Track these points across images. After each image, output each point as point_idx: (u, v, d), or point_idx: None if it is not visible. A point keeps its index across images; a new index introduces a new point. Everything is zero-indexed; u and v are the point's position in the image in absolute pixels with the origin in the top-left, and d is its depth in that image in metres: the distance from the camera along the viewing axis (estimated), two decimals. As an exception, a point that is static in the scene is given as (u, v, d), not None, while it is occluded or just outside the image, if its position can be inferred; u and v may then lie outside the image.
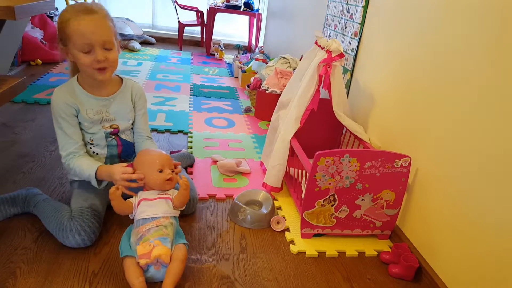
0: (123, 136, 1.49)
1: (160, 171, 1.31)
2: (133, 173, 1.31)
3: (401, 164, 1.43)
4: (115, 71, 1.39)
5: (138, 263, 1.15)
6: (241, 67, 3.74)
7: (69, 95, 1.36)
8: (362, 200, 1.48)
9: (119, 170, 1.30)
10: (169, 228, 1.24)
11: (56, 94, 1.36)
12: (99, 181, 1.36)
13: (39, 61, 3.40)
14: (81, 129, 1.40)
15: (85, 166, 1.35)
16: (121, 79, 1.49)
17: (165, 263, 1.16)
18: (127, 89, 1.47)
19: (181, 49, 4.94)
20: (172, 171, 1.34)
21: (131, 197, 1.32)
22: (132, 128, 1.53)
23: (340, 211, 1.50)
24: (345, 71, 2.20)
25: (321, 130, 2.02)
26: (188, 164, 1.97)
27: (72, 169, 1.37)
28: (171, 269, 1.16)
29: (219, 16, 4.75)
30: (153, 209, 1.27)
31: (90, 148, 1.43)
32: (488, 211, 1.14)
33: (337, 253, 1.48)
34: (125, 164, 1.36)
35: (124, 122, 1.47)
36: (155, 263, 1.16)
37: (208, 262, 1.35)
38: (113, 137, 1.46)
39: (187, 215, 1.55)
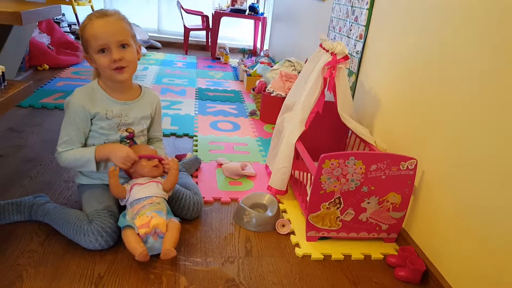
0: (137, 141, 1.50)
1: (149, 160, 1.43)
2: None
3: (407, 166, 1.42)
4: (134, 72, 1.42)
5: (138, 234, 1.27)
6: (246, 70, 3.75)
7: (89, 99, 1.38)
8: (368, 203, 1.47)
9: (123, 155, 1.36)
10: (162, 204, 1.38)
11: (77, 94, 1.38)
12: (97, 165, 1.39)
13: (46, 66, 3.44)
14: (95, 131, 1.41)
15: (81, 153, 1.38)
16: (140, 86, 1.54)
17: (162, 233, 1.29)
18: (146, 97, 1.52)
19: (186, 53, 4.97)
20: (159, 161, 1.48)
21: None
22: (144, 134, 1.55)
23: (345, 214, 1.49)
24: (350, 73, 2.19)
25: (326, 132, 2.01)
26: (196, 168, 1.98)
27: (66, 160, 1.38)
28: (168, 236, 1.29)
29: (224, 20, 4.77)
30: (145, 190, 1.38)
31: None
32: (496, 213, 1.13)
33: (343, 257, 1.47)
34: (127, 148, 1.41)
35: (139, 127, 1.50)
36: (153, 233, 1.28)
37: (213, 265, 1.34)
38: (128, 141, 1.47)
39: (193, 219, 1.55)
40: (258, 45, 5.26)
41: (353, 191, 1.44)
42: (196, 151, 2.19)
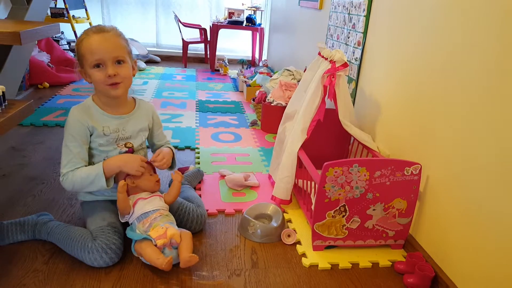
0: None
1: (151, 175, 1.45)
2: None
3: (412, 171, 1.42)
4: (129, 87, 1.42)
5: (155, 245, 1.28)
6: (245, 81, 3.76)
7: (86, 114, 1.37)
8: (374, 209, 1.46)
9: (138, 162, 1.38)
10: (170, 216, 1.41)
11: (72, 112, 1.38)
12: (107, 181, 1.35)
13: (47, 84, 3.45)
14: (94, 148, 1.40)
15: (88, 170, 1.34)
16: (134, 99, 1.53)
17: (177, 243, 1.31)
18: (141, 109, 1.51)
19: (185, 67, 5.00)
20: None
21: None
22: (143, 147, 1.54)
23: (351, 222, 1.48)
24: (350, 80, 2.19)
25: (328, 140, 2.01)
26: (199, 181, 1.97)
27: (72, 181, 1.33)
28: (184, 245, 1.31)
29: (222, 32, 4.81)
30: (151, 204, 1.39)
31: None
32: (505, 216, 1.12)
33: (351, 265, 1.45)
34: (134, 155, 1.43)
35: (138, 140, 1.48)
36: (169, 243, 1.29)
37: (219, 278, 1.33)
38: None
39: (196, 232, 1.54)
40: (257, 56, 5.29)
41: (358, 198, 1.43)
42: (198, 164, 2.19)
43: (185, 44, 4.91)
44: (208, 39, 5.02)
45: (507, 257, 1.11)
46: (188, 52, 5.10)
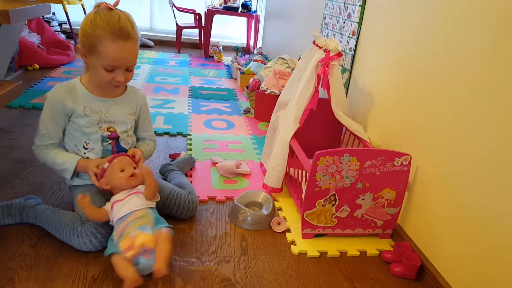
0: (122, 144, 1.46)
1: (122, 171, 1.32)
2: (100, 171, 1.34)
3: (401, 162, 1.42)
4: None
5: (125, 258, 1.16)
6: (239, 68, 3.73)
7: (68, 95, 1.36)
8: (363, 199, 1.47)
9: (94, 164, 1.35)
10: (145, 217, 1.25)
11: (56, 89, 1.37)
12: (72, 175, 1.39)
13: (37, 66, 3.39)
14: (76, 129, 1.38)
15: (63, 158, 1.38)
16: (126, 85, 1.49)
17: (151, 248, 1.17)
18: (130, 96, 1.49)
19: (179, 52, 4.94)
20: (134, 168, 1.36)
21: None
22: (130, 135, 1.50)
23: (341, 211, 1.49)
24: (343, 70, 2.19)
25: (321, 130, 2.01)
26: (190, 168, 1.96)
27: (44, 158, 1.39)
28: (158, 251, 1.17)
29: (217, 18, 4.75)
30: (126, 207, 1.27)
31: (85, 153, 1.41)
32: (491, 208, 1.13)
33: (339, 253, 1.47)
34: (100, 160, 1.39)
35: (122, 126, 1.45)
36: (142, 252, 1.17)
37: (208, 264, 1.33)
38: (110, 141, 1.43)
39: (187, 218, 1.54)
40: (252, 43, 5.25)
41: (348, 187, 1.44)
42: (190, 150, 2.18)
43: (179, 29, 4.85)
44: (203, 25, 4.96)
45: (492, 248, 1.12)
46: (182, 37, 5.04)
